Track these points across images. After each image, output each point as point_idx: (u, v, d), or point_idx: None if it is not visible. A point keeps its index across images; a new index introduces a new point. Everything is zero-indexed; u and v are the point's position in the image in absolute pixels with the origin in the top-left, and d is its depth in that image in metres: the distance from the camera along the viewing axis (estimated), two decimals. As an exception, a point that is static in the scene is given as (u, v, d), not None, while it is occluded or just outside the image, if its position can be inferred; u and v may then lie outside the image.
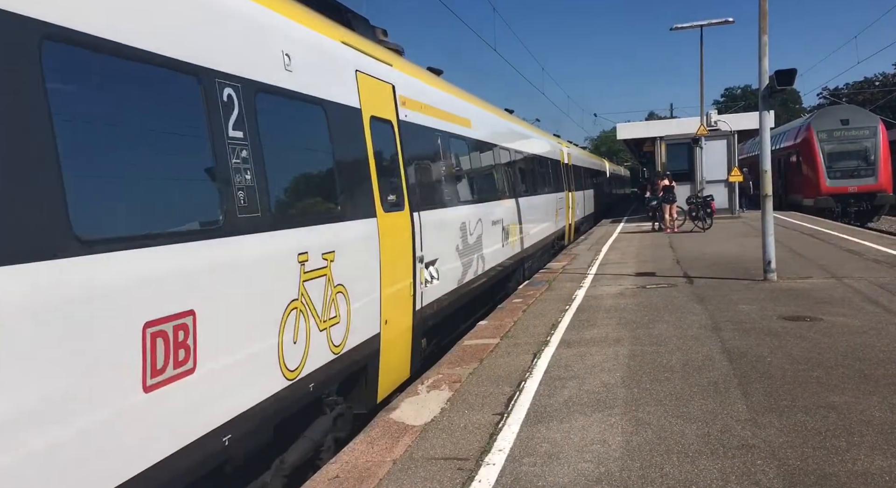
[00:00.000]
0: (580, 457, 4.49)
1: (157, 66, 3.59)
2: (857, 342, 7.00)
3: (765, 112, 11.45)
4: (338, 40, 6.01)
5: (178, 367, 3.46)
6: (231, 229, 3.98)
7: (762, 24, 11.15)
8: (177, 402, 3.46)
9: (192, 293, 3.58)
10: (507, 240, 12.39)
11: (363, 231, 5.91)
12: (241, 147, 4.18)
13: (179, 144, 3.78)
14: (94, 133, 3.20)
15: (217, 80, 4.03)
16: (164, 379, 3.37)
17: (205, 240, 3.76)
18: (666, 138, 27.14)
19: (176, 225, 3.67)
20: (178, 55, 3.71)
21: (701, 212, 21.24)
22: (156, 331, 3.32)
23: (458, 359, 7.27)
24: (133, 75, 3.44)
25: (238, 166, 4.11)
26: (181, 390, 3.48)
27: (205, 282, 3.70)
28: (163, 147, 3.64)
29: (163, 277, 3.40)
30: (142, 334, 3.24)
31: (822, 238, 17.29)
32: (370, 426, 5.43)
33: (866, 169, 27.61)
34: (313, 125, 5.36)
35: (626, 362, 6.72)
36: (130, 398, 3.17)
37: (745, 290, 10.31)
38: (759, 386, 5.73)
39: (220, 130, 3.99)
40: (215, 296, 3.78)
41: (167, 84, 3.68)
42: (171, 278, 3.45)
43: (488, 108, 12.99)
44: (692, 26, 26.36)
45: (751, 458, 4.32)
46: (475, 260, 9.86)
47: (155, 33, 3.58)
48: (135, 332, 3.20)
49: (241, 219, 4.09)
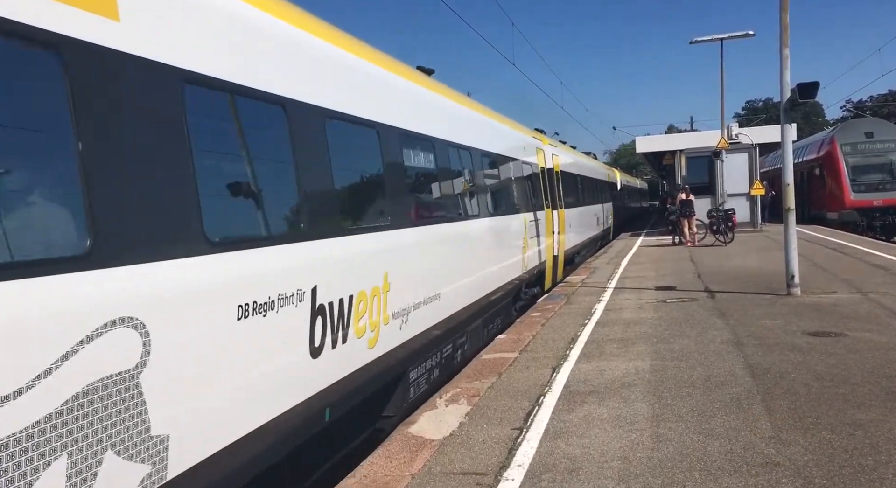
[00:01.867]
0: (600, 474, 4.43)
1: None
2: (883, 358, 6.86)
3: (787, 125, 11.35)
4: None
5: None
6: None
7: (783, 38, 11.08)
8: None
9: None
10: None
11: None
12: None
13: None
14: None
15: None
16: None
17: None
18: (686, 151, 26.97)
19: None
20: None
21: (722, 225, 21.04)
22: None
23: (476, 373, 7.24)
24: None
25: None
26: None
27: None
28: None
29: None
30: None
31: (847, 252, 17.03)
32: (389, 439, 5.42)
33: (892, 182, 27.19)
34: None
35: (646, 377, 6.64)
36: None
37: (768, 305, 10.17)
38: (783, 403, 5.64)
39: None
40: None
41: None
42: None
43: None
44: (712, 39, 26.21)
45: (775, 477, 4.24)
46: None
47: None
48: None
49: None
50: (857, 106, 60.06)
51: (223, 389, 3.62)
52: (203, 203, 3.57)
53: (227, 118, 4.04)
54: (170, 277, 3.30)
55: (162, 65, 3.44)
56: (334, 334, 4.84)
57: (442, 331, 7.33)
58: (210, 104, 3.87)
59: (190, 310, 3.41)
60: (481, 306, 9.00)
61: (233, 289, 3.74)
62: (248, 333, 3.84)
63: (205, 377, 3.48)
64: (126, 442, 2.96)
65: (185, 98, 3.56)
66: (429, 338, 6.89)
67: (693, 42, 26.66)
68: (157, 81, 3.39)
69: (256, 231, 4.15)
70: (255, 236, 4.08)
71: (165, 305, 3.24)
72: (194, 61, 3.68)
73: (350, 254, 5.14)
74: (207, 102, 3.82)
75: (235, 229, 3.96)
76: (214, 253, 3.64)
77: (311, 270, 4.54)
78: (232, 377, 3.70)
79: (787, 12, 11.18)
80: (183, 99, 3.54)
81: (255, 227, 4.16)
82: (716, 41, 26.23)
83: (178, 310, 3.33)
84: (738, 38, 26.02)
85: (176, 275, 3.34)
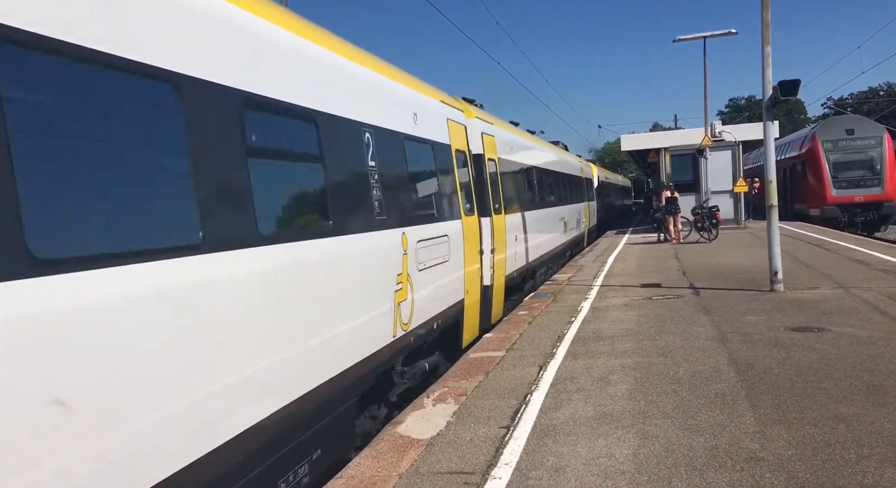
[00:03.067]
0: (587, 471, 4.45)
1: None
2: (865, 353, 6.95)
3: (769, 122, 11.45)
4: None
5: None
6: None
7: (765, 35, 11.18)
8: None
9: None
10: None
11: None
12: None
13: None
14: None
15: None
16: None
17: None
18: (670, 149, 27.15)
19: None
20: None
21: (706, 222, 21.20)
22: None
23: (463, 372, 7.25)
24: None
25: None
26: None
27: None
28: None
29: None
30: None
31: (829, 248, 17.22)
32: (376, 440, 5.42)
33: (872, 178, 27.58)
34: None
35: (632, 374, 6.68)
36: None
37: (752, 301, 10.26)
38: (767, 398, 5.69)
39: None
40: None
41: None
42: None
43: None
44: (695, 38, 26.41)
45: (759, 471, 4.28)
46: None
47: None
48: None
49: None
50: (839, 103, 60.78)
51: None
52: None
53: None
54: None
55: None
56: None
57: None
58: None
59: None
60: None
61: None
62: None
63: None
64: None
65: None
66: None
67: (677, 40, 26.88)
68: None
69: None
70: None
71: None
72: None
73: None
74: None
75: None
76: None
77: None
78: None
79: (769, 10, 11.27)
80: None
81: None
82: (699, 39, 26.44)
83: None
84: (721, 37, 26.25)
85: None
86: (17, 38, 2.83)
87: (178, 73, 3.74)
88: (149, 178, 3.53)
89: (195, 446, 3.60)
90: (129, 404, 3.18)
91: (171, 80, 3.69)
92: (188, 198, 3.74)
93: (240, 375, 3.99)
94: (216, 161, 3.99)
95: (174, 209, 3.68)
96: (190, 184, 3.74)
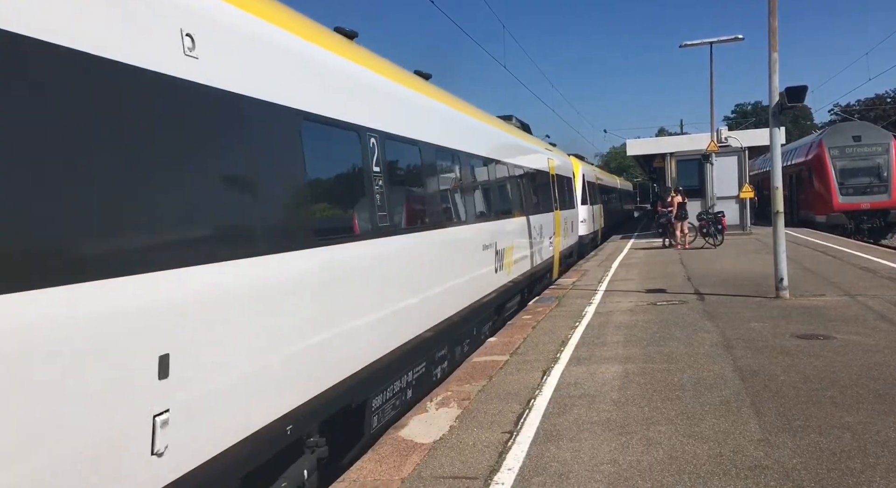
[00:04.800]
0: (590, 477, 4.44)
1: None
2: (871, 361, 6.91)
3: (775, 129, 11.42)
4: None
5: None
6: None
7: (772, 42, 11.16)
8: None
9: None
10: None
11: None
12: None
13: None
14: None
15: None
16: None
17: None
18: (676, 154, 27.09)
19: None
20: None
21: (712, 228, 21.15)
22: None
23: (467, 376, 7.23)
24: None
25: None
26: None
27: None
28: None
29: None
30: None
31: (835, 255, 17.15)
32: (379, 443, 5.41)
33: (879, 185, 27.44)
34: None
35: (636, 380, 6.66)
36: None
37: (757, 308, 10.22)
38: (771, 406, 5.66)
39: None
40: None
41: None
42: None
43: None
44: (701, 43, 26.38)
45: (764, 480, 4.26)
46: None
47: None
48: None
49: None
50: (845, 109, 60.61)
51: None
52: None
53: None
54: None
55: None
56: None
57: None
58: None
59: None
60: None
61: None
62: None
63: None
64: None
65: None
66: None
67: (683, 46, 26.83)
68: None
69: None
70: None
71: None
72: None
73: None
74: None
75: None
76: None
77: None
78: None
79: (776, 16, 11.26)
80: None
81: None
82: (705, 45, 26.40)
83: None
84: (727, 42, 26.21)
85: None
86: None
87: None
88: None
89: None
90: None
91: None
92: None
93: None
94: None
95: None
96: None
